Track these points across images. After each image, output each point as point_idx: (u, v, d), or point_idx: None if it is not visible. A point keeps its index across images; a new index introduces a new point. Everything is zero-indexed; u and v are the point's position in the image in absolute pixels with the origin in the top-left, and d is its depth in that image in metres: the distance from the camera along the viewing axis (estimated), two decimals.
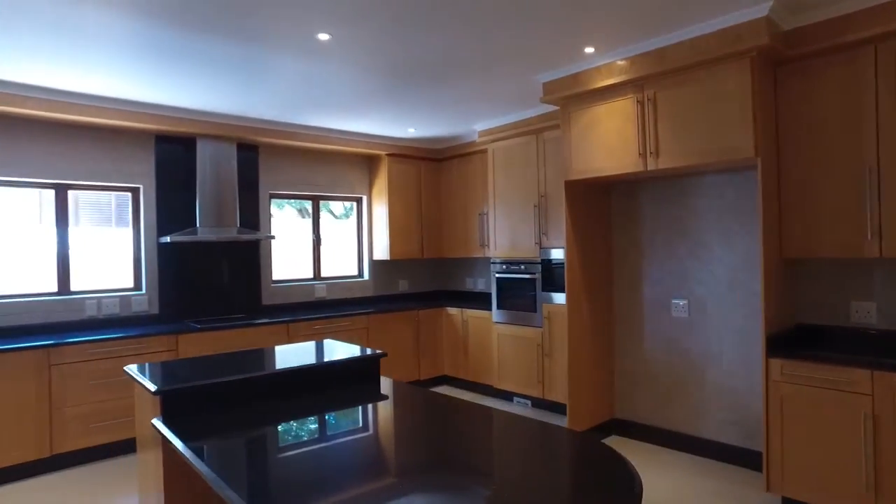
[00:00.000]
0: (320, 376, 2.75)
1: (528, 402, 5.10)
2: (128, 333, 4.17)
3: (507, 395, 5.30)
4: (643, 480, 3.52)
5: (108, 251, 4.68)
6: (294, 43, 3.30)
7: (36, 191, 4.38)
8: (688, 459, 3.85)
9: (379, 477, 1.66)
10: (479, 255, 5.83)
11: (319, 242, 5.89)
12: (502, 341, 5.21)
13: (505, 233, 5.21)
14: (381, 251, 6.00)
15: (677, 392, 4.03)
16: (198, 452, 1.91)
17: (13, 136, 4.21)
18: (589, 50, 3.52)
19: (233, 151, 4.99)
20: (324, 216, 5.97)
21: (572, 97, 3.92)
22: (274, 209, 5.64)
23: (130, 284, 4.75)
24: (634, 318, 4.29)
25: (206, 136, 4.85)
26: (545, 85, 4.05)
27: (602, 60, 3.67)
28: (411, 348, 5.71)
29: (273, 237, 5.08)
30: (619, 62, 3.60)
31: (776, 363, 3.05)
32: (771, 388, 3.07)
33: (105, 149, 4.59)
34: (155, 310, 4.76)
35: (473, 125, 5.43)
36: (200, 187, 4.81)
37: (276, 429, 2.21)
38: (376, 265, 6.23)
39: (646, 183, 4.20)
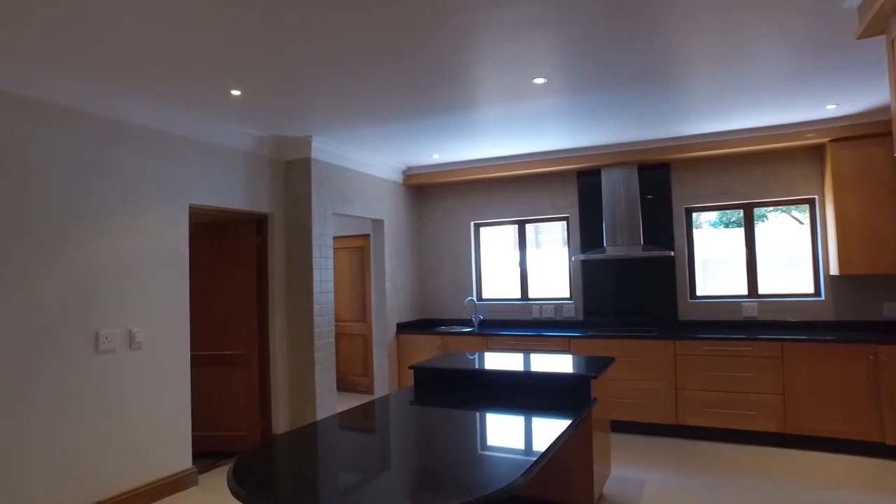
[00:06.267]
0: (531, 383, 3.25)
1: None
2: (532, 332, 5.41)
3: None
4: None
5: (552, 268, 6.04)
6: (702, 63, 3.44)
7: (506, 227, 6.27)
8: None
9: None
10: None
11: (753, 255, 5.19)
12: None
13: None
14: (835, 265, 4.67)
15: None
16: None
17: (489, 191, 6.24)
18: None
19: (633, 175, 5.35)
20: (760, 225, 5.20)
21: (887, 14, 2.46)
22: (702, 221, 5.47)
23: (565, 295, 5.92)
24: None
25: (608, 166, 5.46)
26: (859, 9, 2.67)
27: None
28: (866, 396, 4.22)
29: (672, 254, 5.07)
30: None
31: None
32: None
33: (543, 189, 5.99)
34: (580, 317, 5.74)
35: None
36: (606, 210, 5.46)
37: (450, 409, 3.06)
38: (840, 282, 4.83)
39: None
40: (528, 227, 6.19)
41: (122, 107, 3.65)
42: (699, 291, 5.40)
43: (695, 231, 5.46)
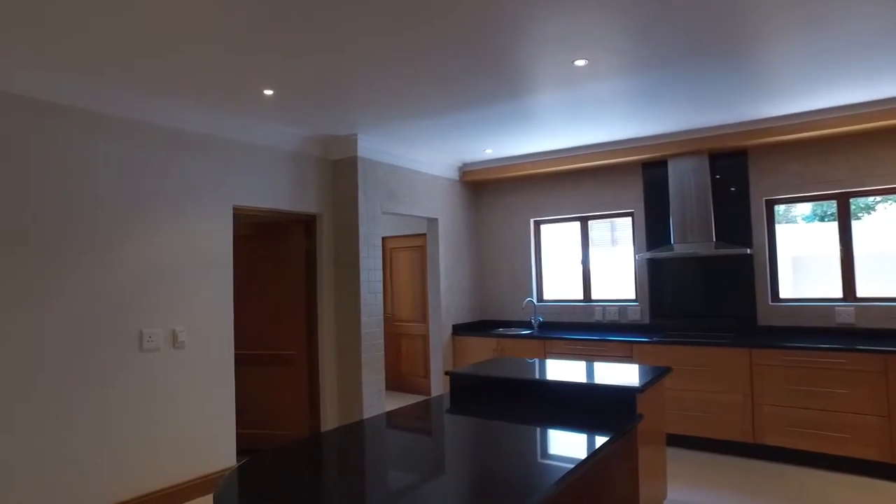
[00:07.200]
0: (572, 395, 2.98)
1: None
2: (593, 336, 5.03)
3: None
4: None
5: (616, 268, 5.62)
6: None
7: (569, 224, 5.91)
8: None
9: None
10: None
11: (850, 252, 4.51)
12: None
13: None
14: None
15: None
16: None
17: (549, 187, 5.91)
18: None
19: (704, 164, 4.84)
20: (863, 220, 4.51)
21: None
22: (795, 215, 4.85)
23: (631, 296, 5.48)
24: None
25: (675, 156, 4.97)
26: None
27: None
28: None
29: (749, 251, 4.52)
30: None
31: None
32: None
33: (606, 184, 5.58)
34: (646, 320, 5.28)
35: None
36: (673, 204, 4.99)
37: (476, 418, 2.92)
38: None
39: None
40: (603, 224, 5.79)
41: (163, 113, 3.74)
42: (784, 294, 4.79)
43: (779, 226, 4.85)
